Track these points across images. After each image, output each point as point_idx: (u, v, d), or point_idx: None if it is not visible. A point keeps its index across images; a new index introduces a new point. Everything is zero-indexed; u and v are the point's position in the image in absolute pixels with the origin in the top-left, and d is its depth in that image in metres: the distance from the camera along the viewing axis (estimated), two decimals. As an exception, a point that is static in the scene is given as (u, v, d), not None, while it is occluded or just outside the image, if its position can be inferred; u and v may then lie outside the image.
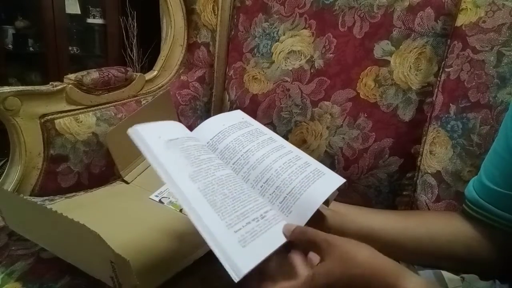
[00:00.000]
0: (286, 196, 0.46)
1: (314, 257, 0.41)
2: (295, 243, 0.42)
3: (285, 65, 0.84)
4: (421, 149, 0.73)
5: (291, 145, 0.53)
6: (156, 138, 0.45)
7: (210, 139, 0.51)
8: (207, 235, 0.39)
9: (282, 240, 0.42)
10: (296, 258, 0.40)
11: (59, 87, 0.73)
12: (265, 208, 0.44)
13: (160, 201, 0.71)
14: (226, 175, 0.46)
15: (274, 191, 0.46)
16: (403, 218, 0.53)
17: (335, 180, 0.48)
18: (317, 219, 0.46)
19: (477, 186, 0.49)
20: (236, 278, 0.36)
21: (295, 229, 0.42)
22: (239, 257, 0.38)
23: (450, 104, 0.67)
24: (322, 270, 0.37)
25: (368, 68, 0.75)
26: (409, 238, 0.49)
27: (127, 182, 0.78)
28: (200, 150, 0.48)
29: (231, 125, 0.53)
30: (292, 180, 0.47)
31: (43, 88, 0.71)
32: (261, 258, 0.39)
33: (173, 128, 0.49)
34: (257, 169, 0.48)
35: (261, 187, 0.47)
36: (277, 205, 0.46)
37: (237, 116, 0.57)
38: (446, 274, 0.48)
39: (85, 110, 0.78)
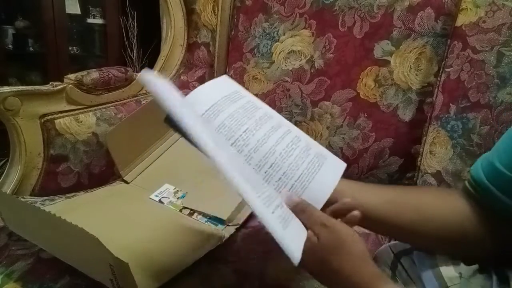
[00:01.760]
0: (294, 184, 0.42)
1: None
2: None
3: (285, 65, 0.84)
4: (421, 149, 0.73)
5: (287, 121, 0.49)
6: (170, 93, 0.40)
7: (205, 112, 0.44)
8: (260, 214, 0.34)
9: (305, 230, 0.39)
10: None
11: (59, 87, 0.73)
12: (278, 198, 0.40)
13: (160, 201, 0.71)
14: (236, 154, 0.42)
15: (280, 178, 0.42)
16: (397, 196, 0.52)
17: (338, 165, 0.46)
18: None
19: (485, 166, 0.47)
20: (295, 262, 0.33)
21: (298, 205, 0.41)
22: (290, 242, 0.34)
23: (450, 104, 0.67)
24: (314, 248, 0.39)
25: (368, 68, 0.75)
26: (404, 221, 0.48)
27: (127, 182, 0.78)
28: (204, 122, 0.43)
29: (224, 97, 0.46)
30: (298, 166, 0.43)
31: (43, 88, 0.71)
32: (302, 246, 0.35)
33: (174, 92, 0.43)
34: (259, 152, 0.42)
35: (265, 172, 0.42)
36: (284, 194, 0.42)
37: (226, 84, 0.50)
38: (444, 272, 0.47)
39: (85, 110, 0.78)
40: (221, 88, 0.48)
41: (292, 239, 0.35)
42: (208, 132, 0.39)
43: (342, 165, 0.47)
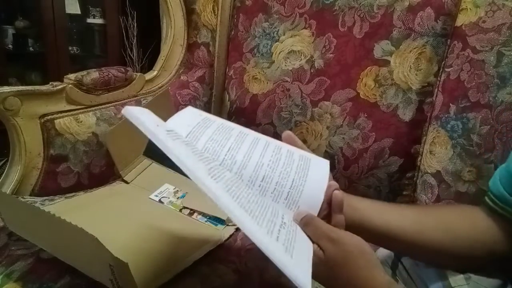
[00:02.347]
0: (289, 191, 0.42)
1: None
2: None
3: (285, 65, 0.84)
4: (421, 149, 0.73)
5: (262, 134, 0.49)
6: (155, 125, 0.40)
7: (185, 139, 0.44)
8: (260, 244, 0.33)
9: (311, 244, 0.39)
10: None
11: (59, 87, 0.73)
12: (280, 212, 0.40)
13: (160, 201, 0.71)
14: (232, 176, 0.41)
15: (275, 188, 0.42)
16: (422, 216, 0.51)
17: (323, 163, 0.47)
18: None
19: (503, 177, 0.46)
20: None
21: (303, 218, 0.41)
22: (295, 268, 0.33)
23: (450, 104, 0.67)
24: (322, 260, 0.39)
25: (368, 68, 0.75)
26: (427, 240, 0.47)
27: (127, 182, 0.78)
28: (196, 147, 0.43)
29: (197, 124, 0.47)
30: (288, 172, 0.43)
31: (43, 88, 0.71)
32: (310, 266, 0.34)
33: (158, 119, 0.44)
34: (248, 168, 0.43)
35: (259, 186, 0.42)
36: (282, 203, 0.42)
37: (193, 114, 0.50)
38: (449, 272, 0.47)
39: (85, 110, 0.78)
40: (190, 118, 0.48)
41: (299, 264, 0.34)
42: (200, 161, 0.38)
43: (326, 162, 0.47)
